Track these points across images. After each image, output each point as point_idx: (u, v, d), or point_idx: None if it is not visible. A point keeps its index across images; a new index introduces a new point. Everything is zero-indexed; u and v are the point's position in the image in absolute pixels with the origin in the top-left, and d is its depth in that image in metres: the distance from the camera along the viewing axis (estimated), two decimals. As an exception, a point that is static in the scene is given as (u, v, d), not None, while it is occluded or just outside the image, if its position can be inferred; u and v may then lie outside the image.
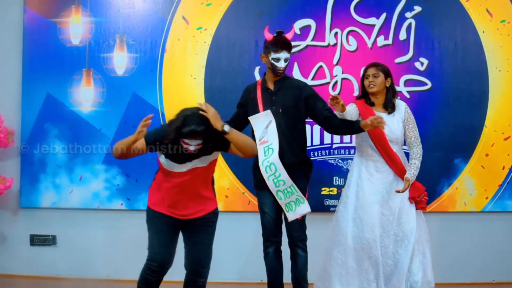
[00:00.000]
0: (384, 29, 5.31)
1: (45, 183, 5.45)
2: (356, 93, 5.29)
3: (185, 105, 5.20)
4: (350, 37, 5.32)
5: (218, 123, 3.50)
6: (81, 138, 5.42)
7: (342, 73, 5.32)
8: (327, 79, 5.32)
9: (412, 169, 4.25)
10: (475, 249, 5.25)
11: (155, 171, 5.32)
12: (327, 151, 5.30)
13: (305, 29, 5.31)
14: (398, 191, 4.19)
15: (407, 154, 4.41)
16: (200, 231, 3.76)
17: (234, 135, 3.55)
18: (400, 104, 4.37)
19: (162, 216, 3.72)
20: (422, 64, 5.29)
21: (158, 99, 5.38)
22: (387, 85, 4.34)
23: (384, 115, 4.26)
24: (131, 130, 5.32)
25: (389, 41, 5.31)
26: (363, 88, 4.39)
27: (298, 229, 4.22)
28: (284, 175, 4.11)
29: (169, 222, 3.71)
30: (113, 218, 5.43)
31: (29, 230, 5.49)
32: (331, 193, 5.26)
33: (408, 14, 5.31)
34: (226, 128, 3.51)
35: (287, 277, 4.31)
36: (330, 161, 5.31)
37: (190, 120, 3.44)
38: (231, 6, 5.34)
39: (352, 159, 5.26)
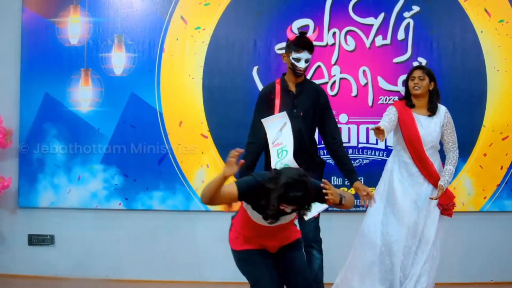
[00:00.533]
0: (382, 29, 5.31)
1: (43, 182, 5.45)
2: (355, 93, 5.30)
3: (183, 105, 5.36)
4: (348, 37, 5.33)
5: (337, 198, 3.32)
6: (79, 138, 5.43)
7: (340, 72, 5.33)
8: (325, 79, 5.32)
9: (446, 176, 4.32)
10: (473, 249, 5.25)
11: (153, 172, 5.37)
12: (325, 151, 5.28)
13: (304, 29, 5.29)
14: (431, 198, 4.27)
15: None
16: (292, 251, 3.55)
17: (347, 202, 3.41)
18: (441, 109, 4.42)
19: (255, 251, 3.46)
20: (420, 64, 5.29)
21: (156, 99, 5.38)
22: (430, 89, 4.39)
23: (423, 117, 4.35)
24: (129, 130, 5.40)
25: (388, 41, 5.32)
26: (407, 89, 4.42)
27: (313, 230, 4.21)
28: None
29: (263, 253, 3.47)
30: (111, 218, 5.43)
31: (27, 229, 5.49)
32: (329, 193, 5.25)
33: (406, 14, 5.31)
34: (343, 200, 3.37)
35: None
36: (328, 160, 5.28)
37: (294, 187, 3.16)
38: (230, 5, 5.35)
39: (352, 159, 5.30)
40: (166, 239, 5.39)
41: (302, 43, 4.13)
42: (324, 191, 3.29)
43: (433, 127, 4.36)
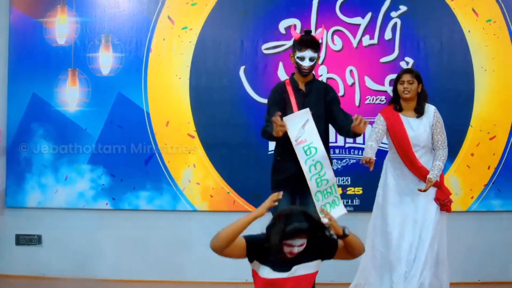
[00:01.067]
0: (369, 29, 5.31)
1: (31, 182, 5.46)
2: (342, 92, 5.29)
3: (170, 105, 5.36)
4: (335, 36, 5.32)
5: (339, 226, 3.19)
6: (66, 138, 5.43)
7: (327, 72, 5.32)
8: (312, 79, 5.31)
9: (435, 170, 4.39)
10: (460, 249, 5.22)
11: (140, 171, 5.37)
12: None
13: (290, 30, 5.30)
14: (420, 190, 4.34)
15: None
16: None
17: (352, 236, 3.22)
18: (430, 108, 4.49)
19: None
20: (407, 63, 5.29)
21: (144, 99, 5.38)
22: (419, 91, 4.47)
23: (412, 119, 4.44)
24: (116, 130, 5.40)
25: (375, 41, 5.31)
26: (395, 92, 4.50)
27: None
28: (329, 173, 4.07)
29: None
30: (98, 217, 5.43)
31: (14, 229, 5.50)
32: (316, 192, 5.24)
33: (393, 14, 5.30)
34: (347, 230, 3.20)
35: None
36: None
37: (293, 218, 3.10)
38: (216, 5, 5.34)
39: (337, 159, 5.31)
40: (153, 239, 5.39)
41: (304, 41, 4.15)
42: (321, 215, 3.23)
43: (423, 127, 4.43)
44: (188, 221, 5.41)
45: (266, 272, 3.21)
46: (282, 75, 5.27)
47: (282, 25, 5.30)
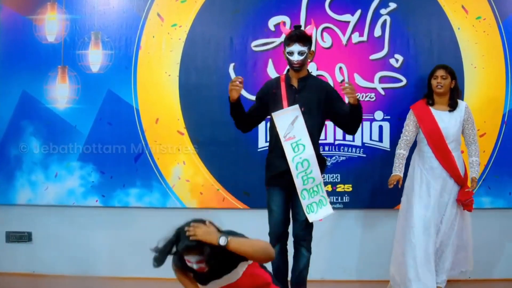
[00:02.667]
0: (359, 26, 5.30)
1: (20, 180, 5.46)
2: (331, 90, 5.29)
3: (159, 102, 5.36)
4: (324, 33, 5.31)
5: (211, 237, 3.12)
6: (56, 135, 5.43)
7: (317, 69, 5.31)
8: (302, 76, 5.31)
9: (475, 166, 4.68)
10: (449, 246, 5.24)
11: (130, 169, 5.37)
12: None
13: (280, 26, 5.30)
14: (468, 191, 4.62)
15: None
16: None
17: (235, 244, 3.13)
18: (462, 104, 4.74)
19: None
20: (397, 61, 5.28)
21: (133, 96, 5.38)
22: (452, 87, 4.72)
23: (444, 113, 4.68)
24: (106, 127, 5.40)
25: (364, 38, 5.30)
26: (429, 86, 4.75)
27: (304, 228, 4.18)
28: (315, 172, 4.07)
29: None
30: (88, 215, 5.43)
31: (4, 227, 5.50)
32: (305, 190, 5.24)
33: (383, 11, 5.29)
34: (222, 241, 3.11)
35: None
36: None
37: (183, 234, 3.17)
38: (206, 3, 5.33)
39: (326, 156, 5.30)
40: (142, 236, 5.37)
41: (293, 36, 4.15)
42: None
43: (454, 121, 4.66)
44: (178, 218, 5.34)
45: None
46: (272, 72, 5.27)
47: (272, 22, 5.29)
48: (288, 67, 4.31)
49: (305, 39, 4.15)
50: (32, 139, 5.44)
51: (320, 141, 5.24)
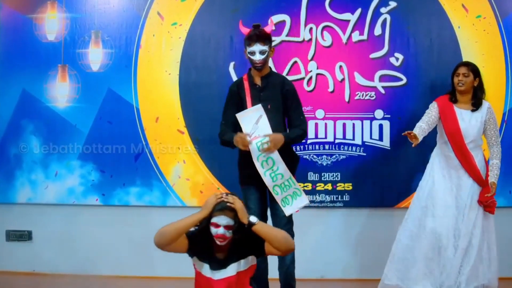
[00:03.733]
0: (359, 25, 5.30)
1: (20, 179, 5.46)
2: (331, 88, 5.29)
3: (160, 101, 5.36)
4: (325, 32, 5.31)
5: (244, 214, 3.37)
6: (56, 134, 5.43)
7: (317, 68, 5.32)
8: (302, 75, 5.31)
9: (495, 170, 4.55)
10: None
11: (130, 167, 5.36)
12: (301, 146, 5.29)
13: (280, 25, 5.30)
14: (487, 196, 4.47)
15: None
16: None
17: (263, 225, 3.41)
18: (484, 104, 4.59)
19: None
20: (397, 59, 5.28)
21: (133, 95, 5.38)
22: (475, 85, 4.57)
23: (465, 112, 4.56)
24: (106, 125, 5.40)
25: (364, 37, 5.30)
26: (452, 84, 4.63)
27: (285, 224, 4.18)
28: (282, 168, 4.08)
29: None
30: (88, 213, 5.43)
31: (5, 225, 5.51)
32: (305, 188, 5.25)
33: (383, 10, 5.29)
34: (253, 219, 3.37)
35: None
36: (305, 156, 5.30)
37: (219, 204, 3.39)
38: (206, 2, 5.33)
39: (326, 155, 5.31)
40: (142, 235, 5.37)
41: (252, 36, 4.15)
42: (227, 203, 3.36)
43: (474, 122, 4.55)
44: (178, 217, 5.31)
45: (205, 270, 3.39)
46: (272, 70, 5.27)
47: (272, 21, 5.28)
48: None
49: (265, 38, 4.16)
50: (32, 138, 5.45)
51: (320, 140, 5.32)
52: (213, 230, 3.34)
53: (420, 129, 4.48)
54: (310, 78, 5.32)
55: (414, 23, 5.29)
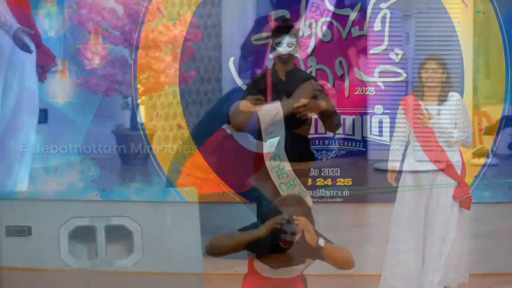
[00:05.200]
0: (358, 20, 5.30)
1: (20, 174, 5.45)
2: (331, 83, 5.30)
3: (159, 96, 5.36)
4: (324, 27, 5.32)
5: (313, 237, 3.20)
6: (56, 130, 5.43)
7: (317, 63, 5.32)
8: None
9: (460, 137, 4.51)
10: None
11: (129, 163, 5.37)
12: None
13: (280, 20, 5.31)
14: (464, 188, 4.52)
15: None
16: None
17: (332, 251, 3.26)
18: (453, 97, 4.56)
19: None
20: (397, 55, 5.28)
21: (133, 90, 5.38)
22: (443, 80, 4.55)
23: (433, 107, 4.52)
24: (105, 121, 5.39)
25: (364, 32, 5.31)
26: (419, 79, 4.61)
27: None
28: (287, 168, 4.11)
29: None
30: (88, 209, 5.43)
31: (4, 221, 5.49)
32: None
33: (383, 5, 5.30)
34: (321, 242, 3.20)
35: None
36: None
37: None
38: (206, -3, 5.37)
39: (334, 150, 5.32)
40: (142, 230, 5.39)
41: (282, 27, 4.23)
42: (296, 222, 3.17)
43: (443, 115, 4.51)
44: (178, 212, 5.41)
45: (259, 266, 3.32)
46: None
47: (272, 16, 5.28)
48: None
49: (294, 32, 4.21)
50: (31, 133, 5.44)
51: (320, 135, 5.31)
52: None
53: (397, 155, 4.54)
54: (310, 73, 5.31)
55: (414, 18, 5.29)
